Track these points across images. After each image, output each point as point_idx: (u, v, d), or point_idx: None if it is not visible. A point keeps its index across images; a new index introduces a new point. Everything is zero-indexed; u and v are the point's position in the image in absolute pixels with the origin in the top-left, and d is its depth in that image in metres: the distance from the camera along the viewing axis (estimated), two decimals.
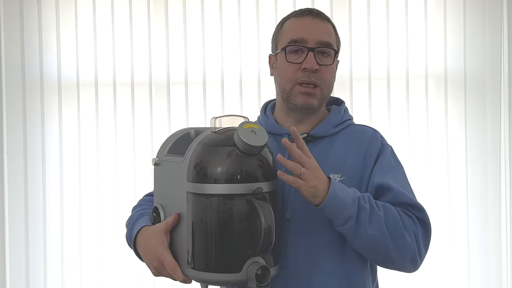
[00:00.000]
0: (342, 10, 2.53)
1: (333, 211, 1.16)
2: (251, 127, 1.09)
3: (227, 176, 1.08)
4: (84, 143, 2.53)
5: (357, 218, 1.16)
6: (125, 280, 2.52)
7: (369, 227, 1.16)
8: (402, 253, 1.19)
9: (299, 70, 1.29)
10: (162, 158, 1.26)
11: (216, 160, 1.09)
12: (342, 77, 2.49)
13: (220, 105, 2.51)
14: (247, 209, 1.07)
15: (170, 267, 1.14)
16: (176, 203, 1.16)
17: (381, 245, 1.18)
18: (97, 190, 2.52)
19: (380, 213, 1.18)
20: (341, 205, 1.15)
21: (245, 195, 1.08)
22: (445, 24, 2.52)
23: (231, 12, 2.52)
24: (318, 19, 1.33)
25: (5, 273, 2.52)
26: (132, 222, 1.31)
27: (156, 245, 1.17)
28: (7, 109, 2.53)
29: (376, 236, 1.17)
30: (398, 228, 1.19)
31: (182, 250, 1.15)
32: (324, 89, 1.32)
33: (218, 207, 1.08)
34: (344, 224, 1.16)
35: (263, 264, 1.08)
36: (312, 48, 1.29)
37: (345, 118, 1.38)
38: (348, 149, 1.31)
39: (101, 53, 2.53)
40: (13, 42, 2.52)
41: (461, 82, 2.53)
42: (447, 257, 2.51)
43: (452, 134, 2.53)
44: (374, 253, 1.21)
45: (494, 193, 2.52)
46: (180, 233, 1.15)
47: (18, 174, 2.52)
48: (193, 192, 1.11)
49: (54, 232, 2.54)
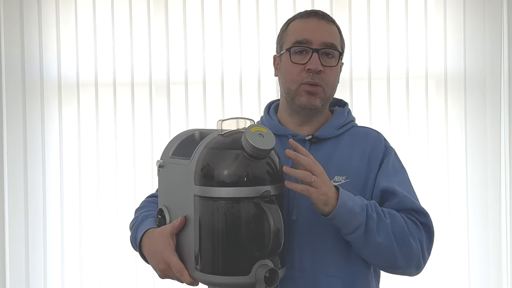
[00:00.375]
0: (342, 10, 2.53)
1: (342, 220, 1.16)
2: (258, 130, 1.09)
3: (235, 179, 1.08)
4: (84, 143, 2.53)
5: (366, 226, 1.16)
6: (125, 280, 2.52)
7: (377, 236, 1.17)
8: (407, 259, 1.20)
9: (304, 71, 1.30)
10: (167, 160, 1.25)
11: (223, 163, 1.09)
12: (342, 77, 2.45)
13: (220, 105, 2.50)
14: (255, 212, 1.07)
15: (177, 269, 1.14)
16: (182, 206, 1.16)
17: (388, 253, 1.19)
18: (97, 190, 2.52)
19: (387, 221, 1.19)
20: (351, 214, 1.15)
21: (253, 198, 1.07)
22: (445, 24, 2.52)
23: (231, 12, 2.52)
24: (323, 21, 1.34)
25: (5, 273, 2.52)
26: (136, 224, 1.30)
27: (163, 247, 1.17)
28: (7, 109, 2.53)
29: (384, 244, 1.18)
30: (404, 236, 1.19)
31: (188, 253, 1.14)
32: (327, 90, 1.32)
33: (226, 210, 1.07)
34: (353, 233, 1.16)
35: (272, 266, 1.08)
36: (317, 49, 1.29)
37: (348, 119, 1.39)
38: (353, 151, 1.32)
39: (101, 53, 2.53)
40: (13, 42, 2.52)
41: (461, 82, 2.53)
42: (447, 257, 2.51)
43: (452, 134, 2.53)
44: (380, 260, 1.22)
45: (494, 193, 2.52)
46: (186, 236, 1.15)
47: (18, 174, 2.52)
48: (200, 195, 1.10)
49: (54, 232, 2.54)
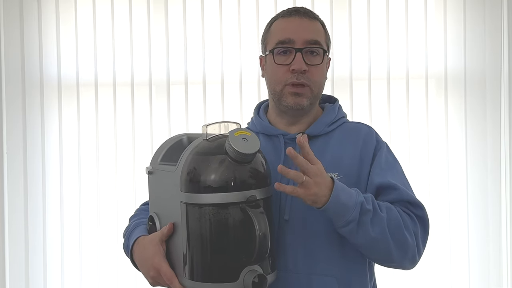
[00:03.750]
0: (342, 10, 2.53)
1: (334, 214, 1.15)
2: (242, 134, 1.08)
3: (220, 184, 1.06)
4: (84, 143, 2.53)
5: (359, 221, 1.15)
6: (125, 280, 2.51)
7: (371, 230, 1.16)
8: (403, 253, 1.20)
9: (288, 71, 1.28)
10: (156, 167, 1.24)
11: (208, 169, 1.08)
12: (342, 77, 2.49)
13: (220, 105, 2.50)
14: (241, 217, 1.06)
15: (167, 277, 1.13)
16: (170, 212, 1.15)
17: (383, 247, 1.18)
18: (97, 190, 2.52)
19: (382, 215, 1.18)
20: (343, 209, 1.14)
21: (239, 204, 1.06)
22: (445, 24, 2.52)
23: (231, 12, 2.52)
24: (305, 18, 1.31)
25: (5, 273, 2.52)
26: (128, 232, 1.30)
27: (153, 254, 1.16)
28: (7, 109, 2.53)
29: (378, 238, 1.17)
30: (400, 230, 1.19)
31: (178, 260, 1.13)
32: (314, 89, 1.31)
33: (212, 216, 1.06)
34: (345, 227, 1.16)
35: (260, 272, 1.07)
36: (300, 48, 1.28)
37: (339, 116, 1.38)
38: (344, 147, 1.31)
39: (101, 53, 2.53)
40: (13, 42, 2.52)
41: (461, 82, 2.53)
42: (447, 257, 2.51)
43: (452, 134, 2.53)
44: (374, 253, 1.22)
45: (494, 193, 2.52)
46: (175, 243, 1.14)
47: (18, 174, 2.52)
48: (186, 202, 1.09)
49: (54, 232, 2.53)
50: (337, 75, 2.51)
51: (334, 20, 2.51)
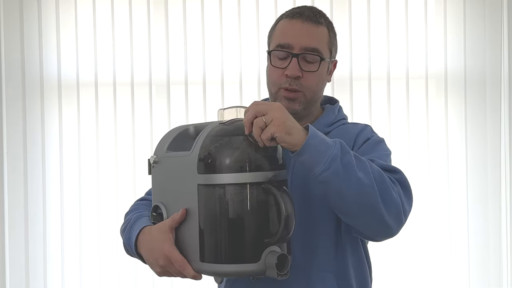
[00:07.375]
0: (342, 10, 2.53)
1: (314, 153, 1.07)
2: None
3: (242, 164, 1.07)
4: (84, 143, 2.53)
5: (342, 160, 1.08)
6: (125, 280, 2.51)
7: (357, 171, 1.08)
8: (388, 206, 1.11)
9: (283, 75, 1.29)
10: (162, 155, 1.24)
11: (228, 150, 1.09)
12: (342, 77, 2.49)
13: (220, 105, 2.50)
14: (264, 197, 1.07)
15: (179, 263, 1.12)
16: (181, 199, 1.15)
17: (371, 192, 1.09)
18: (97, 190, 2.52)
19: (365, 161, 1.12)
20: (323, 145, 1.08)
21: (261, 184, 1.07)
22: (445, 24, 2.52)
23: (231, 12, 2.52)
24: (308, 23, 1.30)
25: (5, 273, 2.52)
26: (129, 225, 1.29)
27: (162, 242, 1.15)
28: (7, 109, 2.52)
29: (366, 183, 1.08)
30: (383, 180, 1.12)
31: (190, 246, 1.13)
32: (307, 94, 1.30)
33: (234, 196, 1.07)
34: (329, 168, 1.06)
35: (282, 252, 1.07)
36: (296, 54, 1.28)
37: (339, 117, 1.38)
38: None
39: (101, 53, 2.53)
40: (13, 42, 2.52)
41: (461, 82, 2.53)
42: (447, 257, 2.51)
43: (452, 134, 2.53)
44: (364, 205, 1.10)
45: (494, 193, 2.52)
46: (187, 229, 1.14)
47: (18, 174, 2.52)
48: (204, 184, 1.09)
49: (54, 232, 2.53)
50: (337, 75, 2.49)
51: (334, 20, 2.45)
